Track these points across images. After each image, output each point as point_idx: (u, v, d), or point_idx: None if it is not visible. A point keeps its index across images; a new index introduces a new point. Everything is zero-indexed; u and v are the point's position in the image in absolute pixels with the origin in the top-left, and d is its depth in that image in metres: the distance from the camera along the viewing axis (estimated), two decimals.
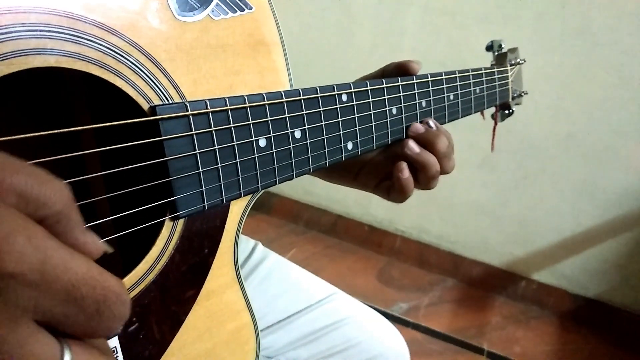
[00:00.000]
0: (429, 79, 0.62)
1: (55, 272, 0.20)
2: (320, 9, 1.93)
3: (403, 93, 0.58)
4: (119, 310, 0.22)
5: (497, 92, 0.79)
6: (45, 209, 0.21)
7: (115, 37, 0.33)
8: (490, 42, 0.83)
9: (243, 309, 0.46)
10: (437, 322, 1.71)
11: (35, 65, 0.29)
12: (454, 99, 0.67)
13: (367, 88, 0.53)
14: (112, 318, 0.22)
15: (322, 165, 0.49)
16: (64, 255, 0.21)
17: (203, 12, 0.38)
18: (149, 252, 0.37)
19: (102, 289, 0.22)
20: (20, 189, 0.21)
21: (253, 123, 0.41)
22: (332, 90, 0.49)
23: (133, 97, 0.34)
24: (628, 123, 1.58)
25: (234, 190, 0.41)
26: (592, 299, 1.81)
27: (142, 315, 0.37)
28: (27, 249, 0.19)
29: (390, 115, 0.57)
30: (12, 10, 0.28)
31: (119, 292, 0.23)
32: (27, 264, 0.19)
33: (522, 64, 0.87)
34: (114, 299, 0.22)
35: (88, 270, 0.22)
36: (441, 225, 2.00)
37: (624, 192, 1.65)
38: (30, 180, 0.21)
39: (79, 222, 0.23)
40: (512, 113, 0.88)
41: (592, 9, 1.53)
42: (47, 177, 0.22)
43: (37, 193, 0.21)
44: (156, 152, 0.36)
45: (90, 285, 0.21)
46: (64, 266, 0.21)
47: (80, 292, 0.21)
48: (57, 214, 0.22)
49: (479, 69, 0.73)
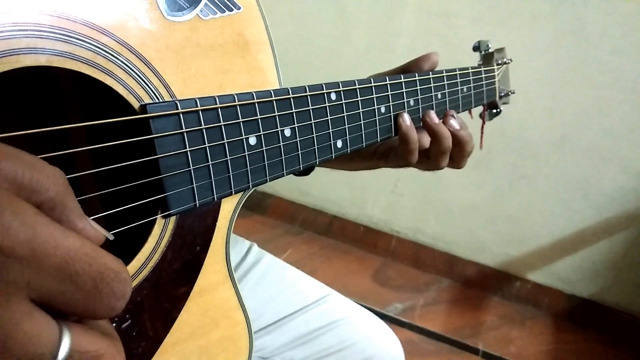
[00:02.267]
0: (416, 78, 0.62)
1: (46, 248, 0.19)
2: (315, 9, 1.93)
3: (391, 92, 0.58)
4: (118, 288, 0.22)
5: (484, 91, 0.80)
6: (38, 195, 0.21)
7: (106, 37, 0.33)
8: (477, 43, 0.84)
9: (236, 306, 0.46)
10: (432, 323, 1.72)
11: (26, 65, 0.29)
12: (441, 97, 0.67)
13: (356, 87, 0.54)
14: (111, 296, 0.21)
15: (312, 163, 0.50)
16: (54, 232, 0.20)
17: (192, 12, 0.39)
18: (141, 249, 0.37)
19: (98, 265, 0.21)
20: (12, 175, 0.20)
21: (243, 121, 0.42)
22: (321, 89, 0.49)
23: (124, 96, 0.35)
24: (621, 124, 1.59)
25: (225, 188, 0.42)
26: (587, 299, 1.81)
27: (134, 312, 0.38)
28: (14, 224, 0.19)
29: (379, 114, 0.57)
30: (2, 9, 0.28)
31: (117, 269, 0.22)
32: (15, 239, 0.19)
33: (508, 63, 0.88)
34: (112, 276, 0.21)
35: (82, 246, 0.21)
36: (436, 225, 2.01)
37: (617, 192, 1.66)
38: (22, 167, 0.21)
39: (76, 208, 0.23)
40: (500, 112, 0.89)
41: (586, 10, 1.54)
42: (39, 162, 0.21)
43: (29, 179, 0.21)
44: (147, 150, 0.36)
45: (85, 261, 0.21)
46: (55, 242, 0.20)
47: (75, 269, 0.20)
48: (52, 200, 0.21)
49: (466, 69, 0.73)
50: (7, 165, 0.20)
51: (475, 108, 0.79)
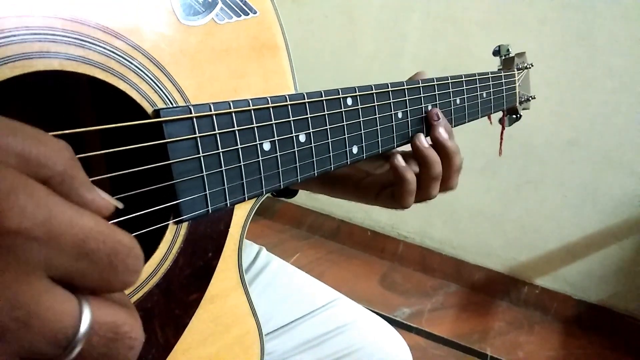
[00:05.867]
0: (434, 83, 0.61)
1: (61, 228, 0.20)
2: (322, 15, 1.93)
3: (409, 97, 0.58)
4: (131, 263, 0.22)
5: (504, 97, 0.79)
6: (46, 170, 0.21)
7: (119, 41, 0.33)
8: (497, 47, 0.83)
9: (247, 313, 0.46)
10: (440, 328, 1.71)
11: (39, 69, 0.29)
12: (460, 103, 0.66)
13: (373, 92, 0.53)
14: (125, 271, 0.22)
15: (327, 169, 0.49)
16: (69, 211, 0.20)
17: (207, 16, 0.38)
18: (152, 255, 0.37)
19: (112, 241, 0.21)
20: (18, 150, 0.20)
21: (257, 126, 0.41)
22: (337, 94, 0.49)
23: (137, 101, 0.34)
24: (630, 128, 1.58)
25: (238, 194, 0.41)
26: (596, 304, 1.80)
27: (145, 319, 0.37)
28: (30, 206, 0.19)
29: (396, 119, 0.57)
30: (16, 13, 0.28)
31: (130, 245, 0.22)
32: (31, 220, 0.19)
33: (529, 68, 0.87)
34: (126, 252, 0.22)
35: (96, 225, 0.21)
36: (444, 230, 2.00)
37: (626, 196, 1.65)
38: (28, 141, 0.21)
39: (84, 180, 0.23)
40: (520, 117, 0.88)
41: (593, 14, 1.53)
42: (46, 137, 0.21)
43: (36, 153, 0.20)
44: (160, 155, 0.35)
45: (99, 239, 0.21)
46: (70, 221, 0.20)
47: (90, 247, 0.21)
48: (60, 174, 0.21)
49: (486, 73, 0.72)
50: (12, 140, 0.20)
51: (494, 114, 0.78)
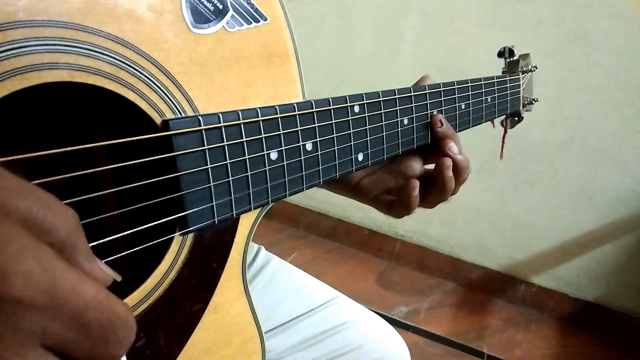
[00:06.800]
0: (441, 89, 0.61)
1: (64, 296, 0.20)
2: (319, 15, 1.92)
3: (415, 104, 0.57)
4: (124, 336, 0.22)
5: (509, 101, 0.79)
6: (49, 236, 0.21)
7: (129, 51, 0.32)
8: (502, 48, 0.82)
9: (250, 321, 0.45)
10: (437, 326, 1.71)
11: (48, 80, 0.28)
12: (465, 108, 0.66)
13: (380, 99, 0.52)
14: (117, 344, 0.22)
15: (333, 177, 0.49)
16: (74, 278, 0.20)
17: (218, 24, 0.37)
18: (157, 266, 0.37)
19: (109, 313, 0.21)
20: (25, 214, 0.20)
21: (265, 137, 0.41)
22: (344, 102, 0.48)
23: (146, 111, 0.33)
24: (625, 127, 1.59)
25: (244, 204, 0.41)
26: (592, 303, 1.81)
27: (149, 330, 0.37)
28: (36, 271, 0.19)
29: (402, 126, 0.56)
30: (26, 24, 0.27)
31: (125, 317, 0.22)
32: (36, 288, 0.19)
33: (533, 71, 0.86)
34: (120, 325, 0.22)
35: (96, 295, 0.21)
36: (441, 229, 2.00)
37: (622, 195, 1.66)
38: (36, 205, 0.20)
39: (85, 250, 0.23)
40: (522, 119, 0.87)
41: (589, 14, 1.54)
42: (54, 202, 0.21)
43: (42, 219, 0.20)
44: (168, 167, 0.35)
45: (98, 310, 0.21)
46: (73, 289, 0.20)
47: (88, 317, 0.20)
48: (62, 242, 0.21)
49: (491, 78, 0.72)
50: (22, 203, 0.20)
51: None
